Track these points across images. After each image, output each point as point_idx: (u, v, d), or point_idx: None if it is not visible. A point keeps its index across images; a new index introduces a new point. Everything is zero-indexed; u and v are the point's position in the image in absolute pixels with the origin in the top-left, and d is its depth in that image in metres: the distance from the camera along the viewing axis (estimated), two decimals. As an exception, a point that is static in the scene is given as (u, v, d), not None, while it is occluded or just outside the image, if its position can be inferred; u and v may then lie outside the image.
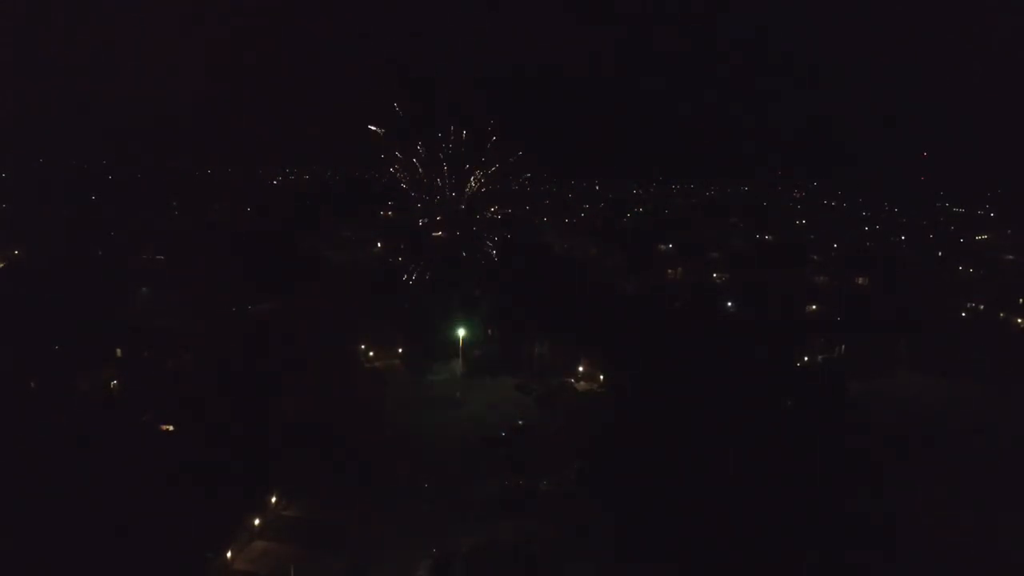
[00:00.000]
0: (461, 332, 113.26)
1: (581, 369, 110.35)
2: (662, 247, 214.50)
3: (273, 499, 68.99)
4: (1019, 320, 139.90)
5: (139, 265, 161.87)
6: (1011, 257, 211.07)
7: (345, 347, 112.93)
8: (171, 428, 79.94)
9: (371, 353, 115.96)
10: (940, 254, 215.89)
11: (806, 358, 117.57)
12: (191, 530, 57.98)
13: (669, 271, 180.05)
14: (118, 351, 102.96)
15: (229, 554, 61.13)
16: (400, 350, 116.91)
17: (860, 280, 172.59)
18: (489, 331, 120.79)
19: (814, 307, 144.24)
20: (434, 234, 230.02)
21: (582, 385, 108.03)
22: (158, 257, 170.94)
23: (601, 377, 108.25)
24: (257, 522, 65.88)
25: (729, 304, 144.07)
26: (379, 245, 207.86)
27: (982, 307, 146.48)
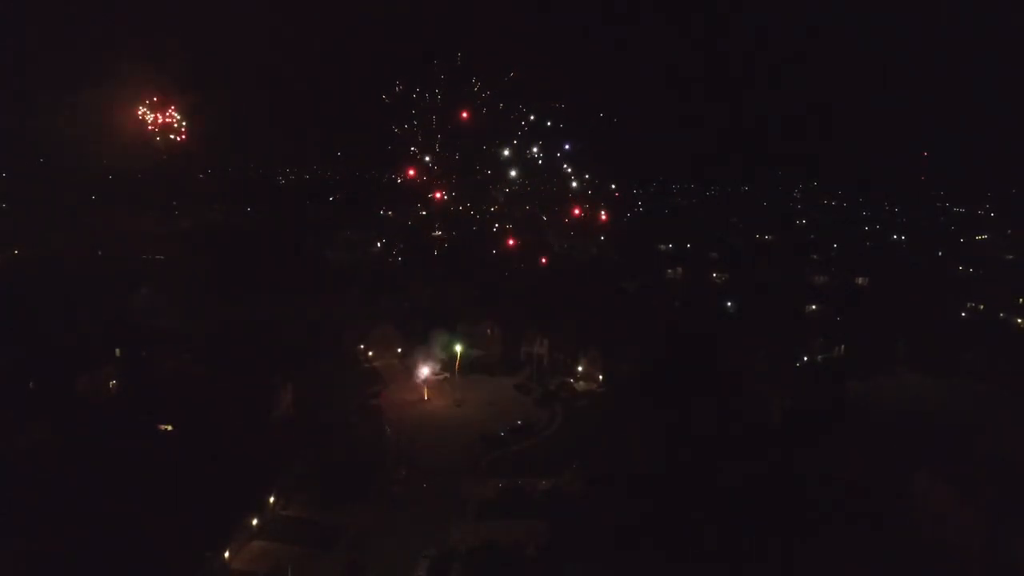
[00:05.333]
0: (461, 332, 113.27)
1: (581, 369, 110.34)
2: (662, 247, 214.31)
3: (272, 499, 68.98)
4: (1019, 320, 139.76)
5: (139, 265, 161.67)
6: (1011, 257, 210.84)
7: (345, 347, 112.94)
8: (170, 428, 79.94)
9: (371, 353, 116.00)
10: (940, 254, 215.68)
11: (806, 358, 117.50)
12: (190, 530, 57.96)
13: (669, 271, 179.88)
14: (118, 351, 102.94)
15: (227, 554, 61.12)
16: (400, 350, 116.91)
17: (860, 280, 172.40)
18: (489, 331, 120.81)
19: (814, 307, 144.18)
20: (433, 234, 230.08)
21: (582, 385, 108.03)
22: (158, 257, 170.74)
23: (601, 377, 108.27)
24: (256, 522, 65.88)
25: (729, 304, 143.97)
26: (379, 245, 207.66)
27: (982, 307, 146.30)
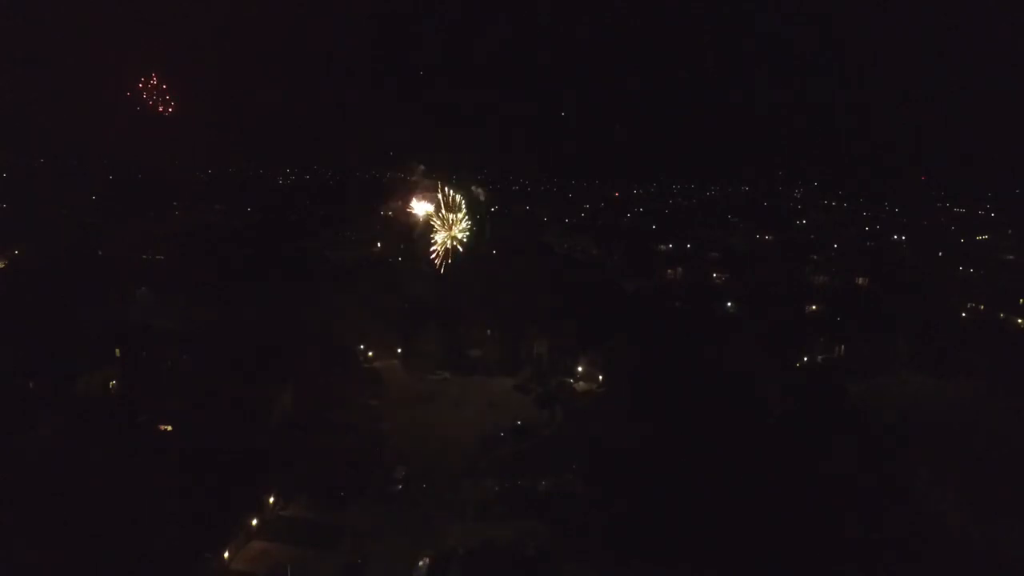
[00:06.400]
0: (461, 332, 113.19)
1: (581, 369, 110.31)
2: (662, 247, 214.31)
3: (271, 499, 68.96)
4: (1019, 320, 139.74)
5: (139, 265, 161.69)
6: (1011, 257, 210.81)
7: (345, 347, 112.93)
8: (170, 428, 79.97)
9: (371, 353, 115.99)
10: (940, 254, 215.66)
11: (806, 358, 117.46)
12: (189, 530, 57.96)
13: (669, 271, 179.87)
14: (118, 351, 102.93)
15: (227, 554, 61.10)
16: (399, 350, 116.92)
17: (860, 280, 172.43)
18: (489, 331, 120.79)
19: (814, 307, 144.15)
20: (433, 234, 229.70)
21: (581, 385, 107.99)
22: (158, 257, 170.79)
23: (600, 377, 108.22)
24: (255, 522, 65.86)
25: (729, 304, 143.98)
26: (379, 245, 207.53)
27: (982, 307, 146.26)
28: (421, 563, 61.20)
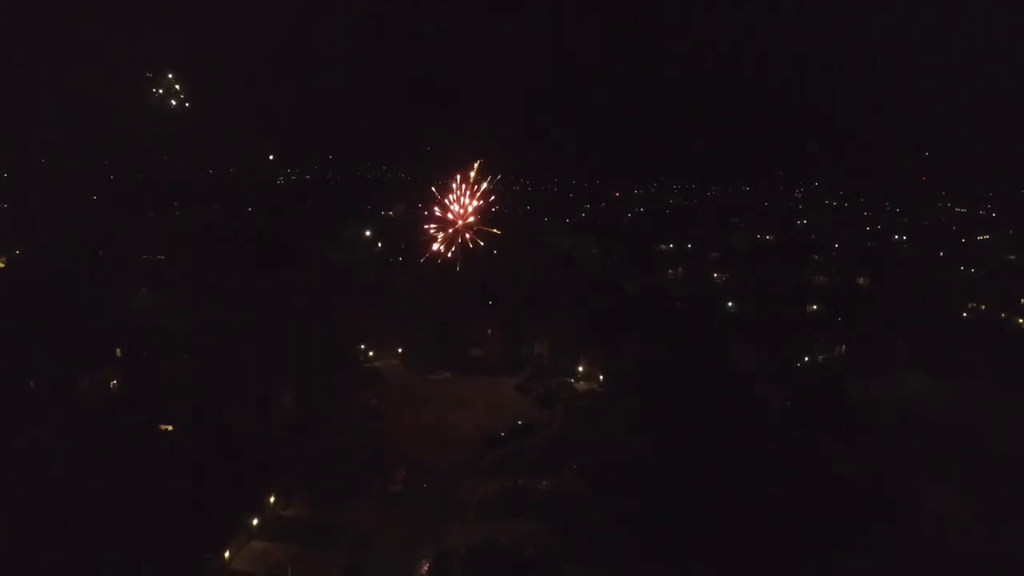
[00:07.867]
0: (461, 332, 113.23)
1: (581, 369, 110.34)
2: (662, 247, 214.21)
3: (271, 499, 68.98)
4: (1019, 320, 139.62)
5: (139, 265, 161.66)
6: (1012, 257, 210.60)
7: (345, 347, 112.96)
8: (170, 428, 79.97)
9: (371, 353, 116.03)
10: (941, 254, 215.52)
11: (806, 358, 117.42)
12: (190, 530, 57.96)
13: (669, 271, 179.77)
14: (118, 351, 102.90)
15: (227, 554, 61.13)
16: (400, 350, 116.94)
17: (860, 280, 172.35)
18: (489, 331, 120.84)
19: (814, 307, 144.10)
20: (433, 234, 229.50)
21: (582, 385, 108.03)
22: (158, 257, 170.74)
23: (600, 377, 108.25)
24: (255, 522, 65.88)
25: (729, 304, 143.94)
26: (379, 245, 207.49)
27: (982, 307, 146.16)
28: (422, 563, 61.20)
